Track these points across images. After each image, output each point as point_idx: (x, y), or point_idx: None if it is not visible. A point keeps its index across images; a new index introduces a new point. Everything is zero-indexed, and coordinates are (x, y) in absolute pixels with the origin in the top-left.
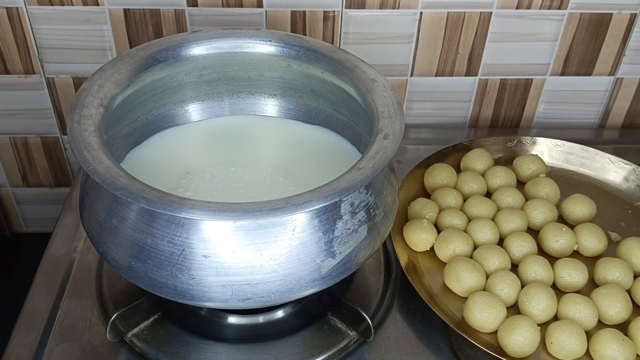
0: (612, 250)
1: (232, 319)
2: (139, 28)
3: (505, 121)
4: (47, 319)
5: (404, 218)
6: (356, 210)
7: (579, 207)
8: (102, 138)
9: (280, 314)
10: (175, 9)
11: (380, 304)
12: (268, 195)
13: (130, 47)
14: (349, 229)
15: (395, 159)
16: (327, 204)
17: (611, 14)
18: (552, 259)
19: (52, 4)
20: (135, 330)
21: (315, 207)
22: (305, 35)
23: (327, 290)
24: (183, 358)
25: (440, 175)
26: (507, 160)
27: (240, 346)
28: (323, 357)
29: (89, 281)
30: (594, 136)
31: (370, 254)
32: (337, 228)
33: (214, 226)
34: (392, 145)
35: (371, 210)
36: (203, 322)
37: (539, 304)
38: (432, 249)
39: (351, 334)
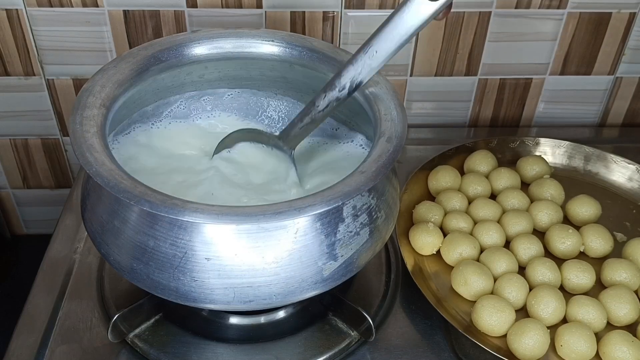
0: (617, 250)
1: (234, 320)
2: (139, 29)
3: (505, 121)
4: (47, 320)
5: (409, 221)
6: (358, 213)
7: (584, 207)
8: (104, 139)
9: (281, 314)
10: (174, 10)
11: (381, 304)
12: (270, 195)
13: (130, 48)
14: (350, 232)
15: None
16: (329, 207)
17: (610, 13)
18: (558, 260)
19: (51, 6)
20: (137, 331)
21: (318, 211)
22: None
23: (328, 291)
24: (184, 358)
25: (444, 177)
26: (510, 161)
27: (242, 346)
28: (324, 357)
29: (89, 282)
30: (594, 135)
31: (371, 256)
32: (339, 231)
33: (217, 229)
34: (394, 149)
35: (373, 213)
36: (204, 323)
37: (548, 307)
38: (438, 252)
39: (352, 334)
